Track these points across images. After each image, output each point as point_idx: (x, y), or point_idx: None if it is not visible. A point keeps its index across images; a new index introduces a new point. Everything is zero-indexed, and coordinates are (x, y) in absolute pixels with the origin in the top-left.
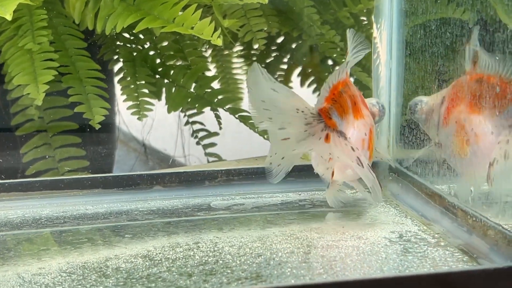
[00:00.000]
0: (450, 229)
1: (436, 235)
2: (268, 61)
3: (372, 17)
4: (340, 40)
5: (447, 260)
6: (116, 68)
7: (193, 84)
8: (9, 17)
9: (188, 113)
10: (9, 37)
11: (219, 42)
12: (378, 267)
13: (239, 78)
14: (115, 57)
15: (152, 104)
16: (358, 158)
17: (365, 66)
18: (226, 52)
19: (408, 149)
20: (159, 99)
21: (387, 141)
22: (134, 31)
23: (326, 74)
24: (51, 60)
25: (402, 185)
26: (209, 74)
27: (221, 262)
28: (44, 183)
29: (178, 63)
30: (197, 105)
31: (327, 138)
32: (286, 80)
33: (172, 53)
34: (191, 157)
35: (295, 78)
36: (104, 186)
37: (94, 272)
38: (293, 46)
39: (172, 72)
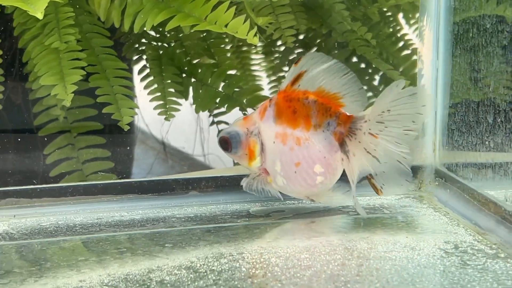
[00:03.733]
0: (508, 240)
1: (494, 246)
2: (291, 58)
3: (399, 15)
4: (372, 37)
5: (509, 274)
6: (138, 66)
7: (222, 83)
8: (40, 15)
9: (214, 112)
10: (35, 36)
11: (256, 41)
12: (438, 281)
13: (258, 75)
14: (140, 55)
15: (179, 104)
16: None
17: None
18: (245, 48)
19: (458, 152)
20: (186, 98)
21: (433, 144)
22: (163, 29)
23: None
24: (78, 59)
25: (451, 191)
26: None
27: (269, 275)
28: (77, 188)
29: (205, 62)
30: (226, 105)
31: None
32: None
33: (199, 51)
34: (210, 156)
35: None
36: (138, 191)
37: (137, 285)
38: (319, 42)
39: (199, 70)
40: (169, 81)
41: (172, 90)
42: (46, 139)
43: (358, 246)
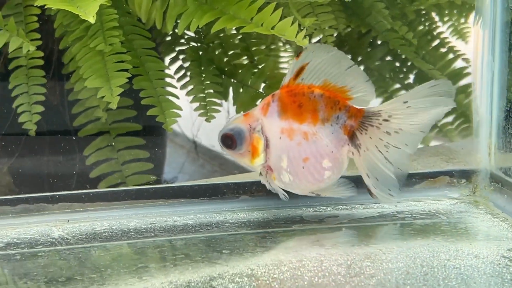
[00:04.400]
0: None
1: None
2: None
3: (439, 12)
4: (413, 37)
5: None
6: (174, 67)
7: (262, 84)
8: (92, 19)
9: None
10: (78, 38)
11: (305, 42)
12: None
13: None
14: (176, 56)
15: (220, 105)
16: None
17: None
18: (273, 47)
19: None
20: (226, 99)
21: (488, 148)
22: (202, 30)
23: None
24: (121, 62)
25: (508, 196)
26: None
27: (333, 284)
28: (129, 192)
29: (245, 62)
30: None
31: None
32: None
33: (238, 51)
34: None
35: None
36: (190, 196)
37: None
38: (354, 41)
39: (239, 71)
40: (209, 82)
41: (211, 91)
42: (85, 140)
43: (419, 254)
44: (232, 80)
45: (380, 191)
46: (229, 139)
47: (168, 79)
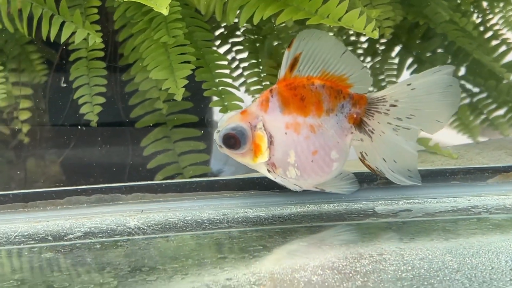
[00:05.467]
0: None
1: None
2: (381, 48)
3: (490, 3)
4: (473, 28)
5: None
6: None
7: None
8: (165, 11)
9: None
10: (142, 30)
11: (376, 34)
12: None
13: None
14: (233, 48)
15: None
16: None
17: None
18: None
19: None
20: None
21: None
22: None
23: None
24: (184, 54)
25: None
26: None
27: (417, 277)
28: (201, 183)
29: None
30: None
31: None
32: (399, 69)
33: None
34: None
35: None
36: (260, 188)
37: (285, 285)
38: (408, 33)
39: None
40: (266, 74)
41: (268, 83)
42: (140, 132)
43: (501, 249)
44: None
45: (399, 174)
46: (232, 139)
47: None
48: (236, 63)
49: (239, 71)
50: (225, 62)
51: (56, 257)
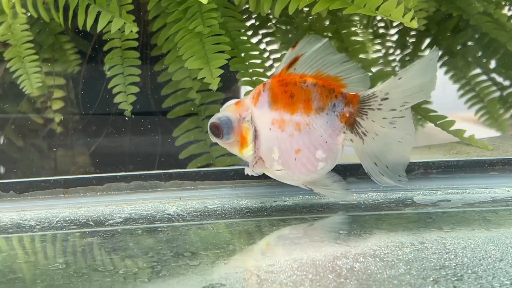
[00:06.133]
0: None
1: None
2: (411, 40)
3: None
4: (507, 20)
5: None
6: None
7: None
8: (205, 0)
9: None
10: (176, 20)
11: (414, 24)
12: None
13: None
14: (264, 40)
15: None
16: None
17: None
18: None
19: None
20: None
21: None
22: (311, 12)
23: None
24: (218, 43)
25: None
26: None
27: (461, 266)
28: (238, 172)
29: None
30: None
31: None
32: None
33: (329, 34)
34: None
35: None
36: None
37: (327, 271)
38: (439, 24)
39: None
40: None
41: None
42: (173, 122)
43: None
44: None
45: (388, 178)
46: (216, 128)
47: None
48: (267, 54)
49: (269, 62)
50: (257, 53)
51: (99, 242)
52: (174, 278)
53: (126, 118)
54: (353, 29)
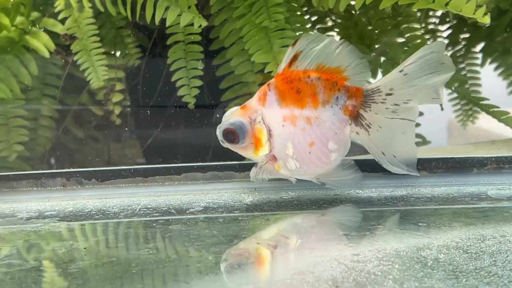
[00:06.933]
0: None
1: None
2: (462, 36)
3: None
4: None
5: None
6: None
7: None
8: None
9: None
10: (242, 15)
11: (487, 19)
12: None
13: None
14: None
15: (369, 82)
16: None
17: None
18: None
19: None
20: (375, 77)
21: None
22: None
23: None
24: (283, 38)
25: None
26: None
27: None
28: None
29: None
30: None
31: None
32: (484, 58)
33: (389, 29)
34: None
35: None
36: (369, 170)
37: (413, 262)
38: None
39: (391, 49)
40: None
41: None
42: None
43: None
44: (382, 58)
45: (397, 167)
46: (231, 134)
47: None
48: None
49: None
50: None
51: (184, 229)
52: (264, 265)
53: (183, 111)
54: (414, 25)
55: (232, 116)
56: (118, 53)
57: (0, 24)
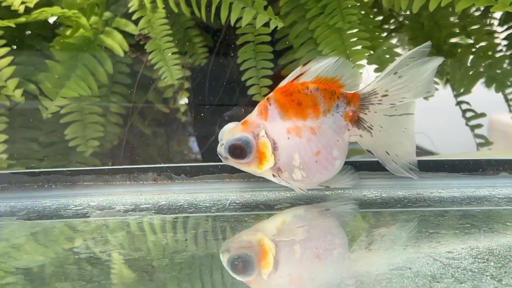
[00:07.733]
0: None
1: None
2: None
3: None
4: None
5: None
6: None
7: (482, 64)
8: None
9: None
10: (313, 17)
11: None
12: None
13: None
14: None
15: (436, 83)
16: None
17: None
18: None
19: None
20: (442, 78)
21: None
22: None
23: None
24: (356, 39)
25: None
26: None
27: None
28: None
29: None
30: (494, 86)
31: None
32: None
33: (456, 30)
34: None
35: None
36: (450, 170)
37: (508, 260)
38: None
39: (458, 50)
40: None
41: None
42: None
43: None
44: (450, 59)
45: (401, 167)
46: (239, 149)
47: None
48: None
49: None
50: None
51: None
52: (362, 260)
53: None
54: (485, 28)
55: (233, 132)
56: (187, 52)
57: (78, 23)
